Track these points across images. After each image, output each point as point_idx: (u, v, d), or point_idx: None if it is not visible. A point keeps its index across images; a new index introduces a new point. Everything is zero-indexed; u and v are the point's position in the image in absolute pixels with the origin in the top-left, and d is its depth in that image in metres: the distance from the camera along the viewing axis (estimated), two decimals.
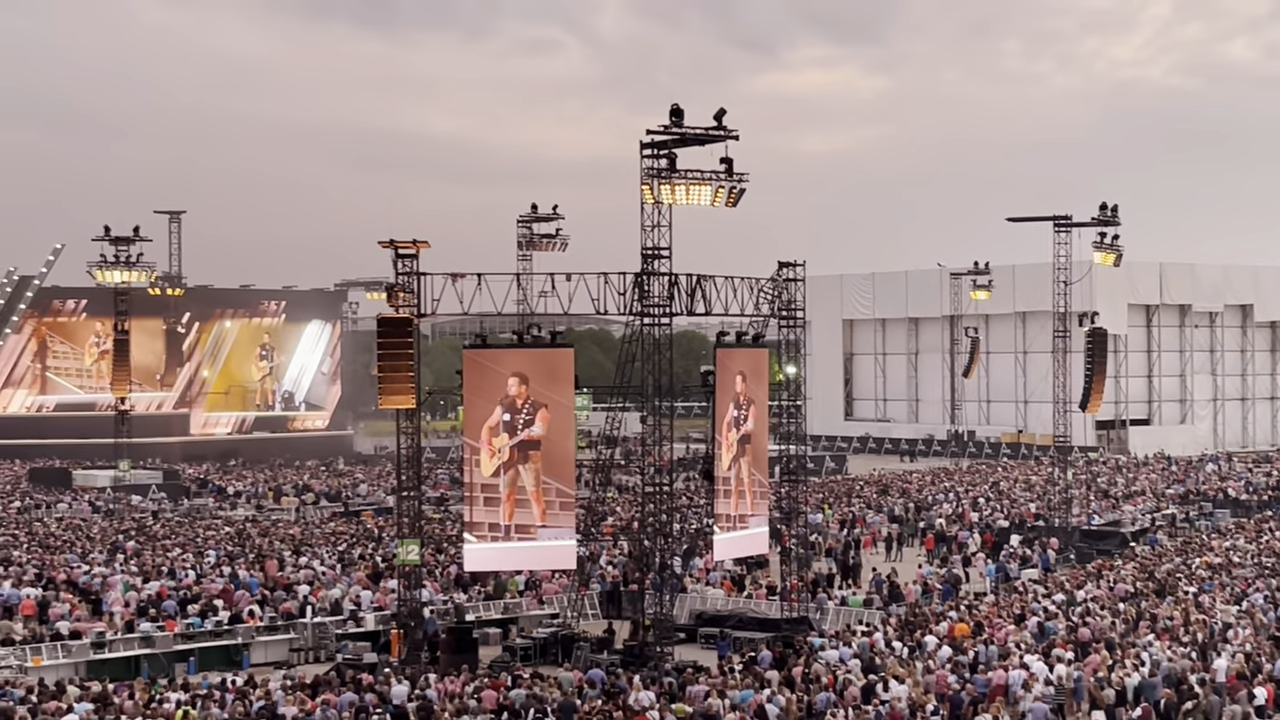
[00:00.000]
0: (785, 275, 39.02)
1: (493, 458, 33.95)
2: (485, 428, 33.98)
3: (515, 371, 34.04)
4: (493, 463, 33.98)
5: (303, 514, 65.75)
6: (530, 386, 34.01)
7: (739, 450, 36.89)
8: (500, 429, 33.94)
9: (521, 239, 65.92)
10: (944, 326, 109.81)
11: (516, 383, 33.95)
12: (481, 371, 34.52)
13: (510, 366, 34.29)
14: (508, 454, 33.90)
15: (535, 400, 34.01)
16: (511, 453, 33.90)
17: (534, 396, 34.02)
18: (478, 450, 34.12)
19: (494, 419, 33.94)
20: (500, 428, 33.94)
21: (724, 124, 34.92)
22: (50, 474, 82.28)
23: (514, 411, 34.00)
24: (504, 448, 33.91)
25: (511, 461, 33.93)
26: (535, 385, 34.09)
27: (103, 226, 70.93)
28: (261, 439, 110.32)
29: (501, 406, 33.97)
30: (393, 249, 35.19)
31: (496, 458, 33.94)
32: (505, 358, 34.90)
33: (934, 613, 37.21)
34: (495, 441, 33.96)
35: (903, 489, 70.18)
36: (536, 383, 34.12)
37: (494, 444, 33.96)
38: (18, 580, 42.86)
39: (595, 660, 34.37)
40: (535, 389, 34.03)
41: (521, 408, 34.02)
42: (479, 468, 34.14)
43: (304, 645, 37.90)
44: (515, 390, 33.94)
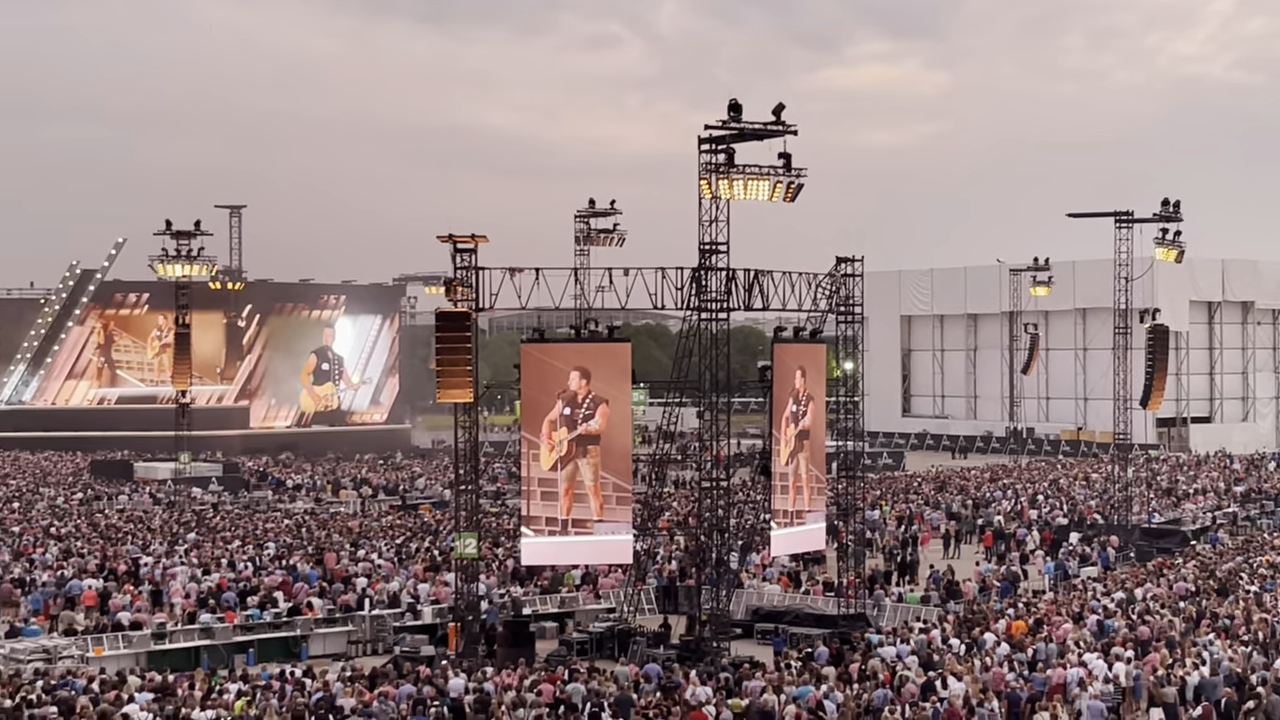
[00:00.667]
0: (843, 271, 38.90)
1: (552, 451, 34.02)
2: (545, 421, 34.04)
3: (576, 365, 34.11)
4: (551, 456, 34.04)
5: (366, 507, 66.13)
6: (591, 381, 34.06)
7: (797, 445, 36.82)
8: (560, 423, 34.01)
9: (579, 234, 65.92)
10: (1003, 323, 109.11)
11: (578, 377, 34.00)
12: (539, 366, 34.60)
13: (572, 361, 34.36)
14: (566, 448, 33.95)
15: (597, 395, 34.06)
16: (570, 447, 33.95)
17: (595, 391, 34.06)
18: (535, 444, 34.19)
19: (554, 413, 34.01)
20: (560, 421, 34.01)
21: (783, 119, 34.83)
22: (112, 466, 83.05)
23: (574, 406, 34.05)
24: (563, 441, 33.97)
25: (570, 456, 33.99)
26: (595, 380, 34.15)
27: (164, 221, 71.35)
28: (320, 433, 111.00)
29: (562, 400, 34.03)
30: (451, 244, 35.33)
31: (555, 451, 34.00)
32: (564, 352, 34.96)
33: (992, 610, 37.03)
34: (555, 435, 34.02)
35: (961, 486, 69.85)
36: (596, 377, 34.17)
37: (554, 438, 34.02)
38: (80, 571, 43.28)
39: (651, 655, 34.35)
40: (596, 384, 34.09)
41: (582, 402, 34.05)
42: (537, 461, 34.21)
43: (362, 638, 38.08)
44: (577, 385, 33.99)
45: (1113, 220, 55.58)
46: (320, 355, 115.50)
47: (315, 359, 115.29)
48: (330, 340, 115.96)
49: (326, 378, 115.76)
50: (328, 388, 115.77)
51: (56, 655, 33.44)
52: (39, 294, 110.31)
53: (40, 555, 46.59)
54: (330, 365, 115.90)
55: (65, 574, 42.81)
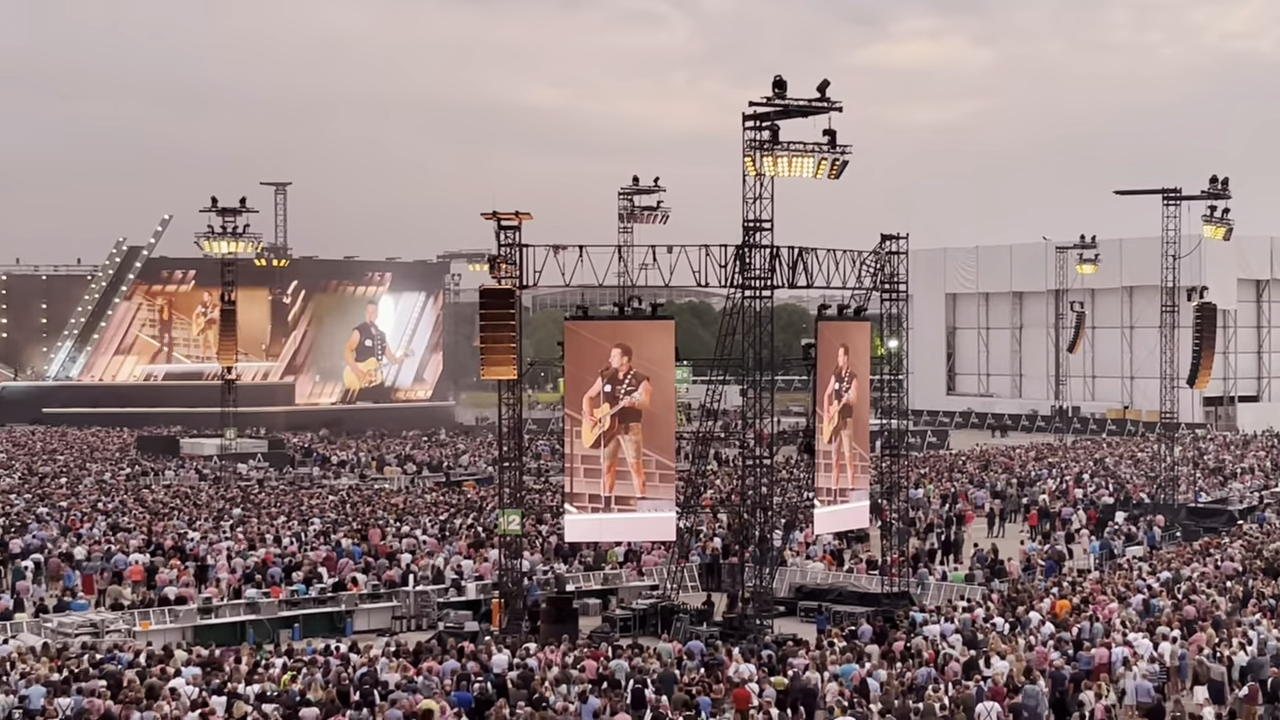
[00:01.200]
0: (888, 248, 38.73)
1: (594, 428, 34.04)
2: (586, 399, 34.07)
3: (618, 343, 34.09)
4: (594, 433, 34.07)
5: (413, 483, 66.37)
6: (633, 358, 34.05)
7: (840, 423, 36.72)
8: (601, 399, 34.02)
9: (623, 211, 66.04)
10: (1049, 301, 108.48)
11: (619, 354, 33.99)
12: (582, 343, 34.60)
13: (613, 338, 34.34)
14: (609, 424, 33.97)
15: (638, 372, 34.04)
16: (612, 422, 33.96)
17: (636, 368, 34.04)
18: (578, 421, 34.23)
19: (595, 389, 34.02)
20: (601, 398, 34.02)
21: (827, 96, 34.68)
22: (158, 442, 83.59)
23: (615, 382, 34.04)
24: (605, 417, 33.98)
25: (612, 432, 34.00)
26: (637, 357, 34.13)
27: (210, 198, 71.80)
28: (364, 409, 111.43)
29: (603, 377, 34.03)
30: (495, 221, 35.33)
31: (598, 428, 34.02)
32: (607, 329, 34.94)
33: (1037, 589, 36.89)
34: (596, 412, 34.04)
35: (1005, 465, 69.59)
36: (638, 354, 34.15)
37: (595, 414, 34.04)
38: (126, 546, 43.59)
39: (694, 632, 34.39)
40: (638, 361, 34.06)
41: (624, 378, 34.04)
42: (580, 439, 34.25)
43: (406, 613, 38.25)
44: (618, 362, 33.98)
45: (1160, 197, 55.19)
46: (363, 331, 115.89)
47: (358, 335, 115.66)
48: (373, 316, 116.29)
49: (369, 354, 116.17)
50: (370, 363, 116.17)
51: (104, 629, 33.72)
52: (86, 271, 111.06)
53: (87, 530, 46.94)
54: (373, 341, 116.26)
55: (112, 549, 43.14)
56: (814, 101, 34.66)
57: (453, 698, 25.77)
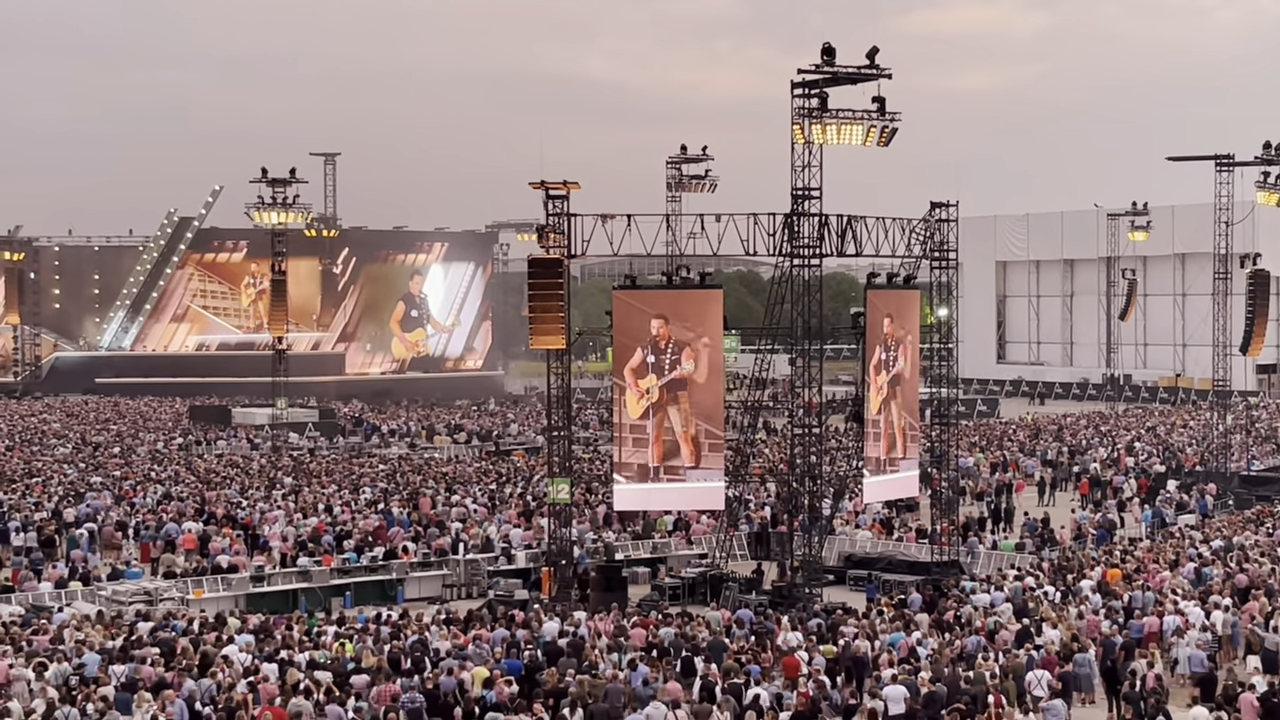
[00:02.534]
0: (937, 216, 38.53)
1: (640, 399, 34.07)
2: (628, 370, 34.10)
3: (658, 312, 34.09)
4: (640, 404, 34.11)
5: (463, 451, 66.69)
6: (671, 326, 34.00)
7: (889, 393, 36.62)
8: (646, 369, 34.03)
9: (671, 180, 65.92)
10: (1100, 268, 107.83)
11: (660, 324, 33.98)
12: (630, 312, 34.62)
13: (655, 307, 34.33)
14: (657, 394, 34.01)
15: (678, 340, 34.01)
16: (661, 393, 34.00)
17: (675, 336, 34.01)
18: (625, 391, 34.28)
19: (636, 359, 34.03)
20: (646, 368, 34.02)
21: (876, 63, 34.49)
22: (210, 411, 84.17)
23: (658, 352, 34.04)
24: (652, 388, 34.01)
25: (661, 403, 34.03)
26: (679, 325, 34.10)
27: (260, 169, 72.05)
28: (414, 379, 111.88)
29: (644, 348, 34.03)
30: (543, 190, 35.36)
31: (645, 399, 34.05)
32: (651, 298, 34.92)
33: (1088, 557, 36.73)
34: (642, 383, 34.07)
35: (1056, 433, 69.28)
36: (683, 323, 34.12)
37: (640, 385, 34.07)
38: (179, 515, 43.95)
39: (743, 600, 34.43)
40: (677, 329, 34.03)
41: (665, 348, 34.04)
42: (627, 409, 34.29)
43: (456, 581, 38.45)
44: (657, 330, 33.96)
45: (1213, 164, 54.75)
46: (408, 302, 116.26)
47: (403, 306, 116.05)
48: (418, 287, 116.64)
49: (416, 324, 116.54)
50: (418, 334, 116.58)
51: (158, 597, 34.03)
52: (138, 241, 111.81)
53: (141, 499, 47.35)
54: (419, 311, 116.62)
55: (165, 518, 43.50)
56: (863, 68, 34.48)
57: (503, 665, 25.89)
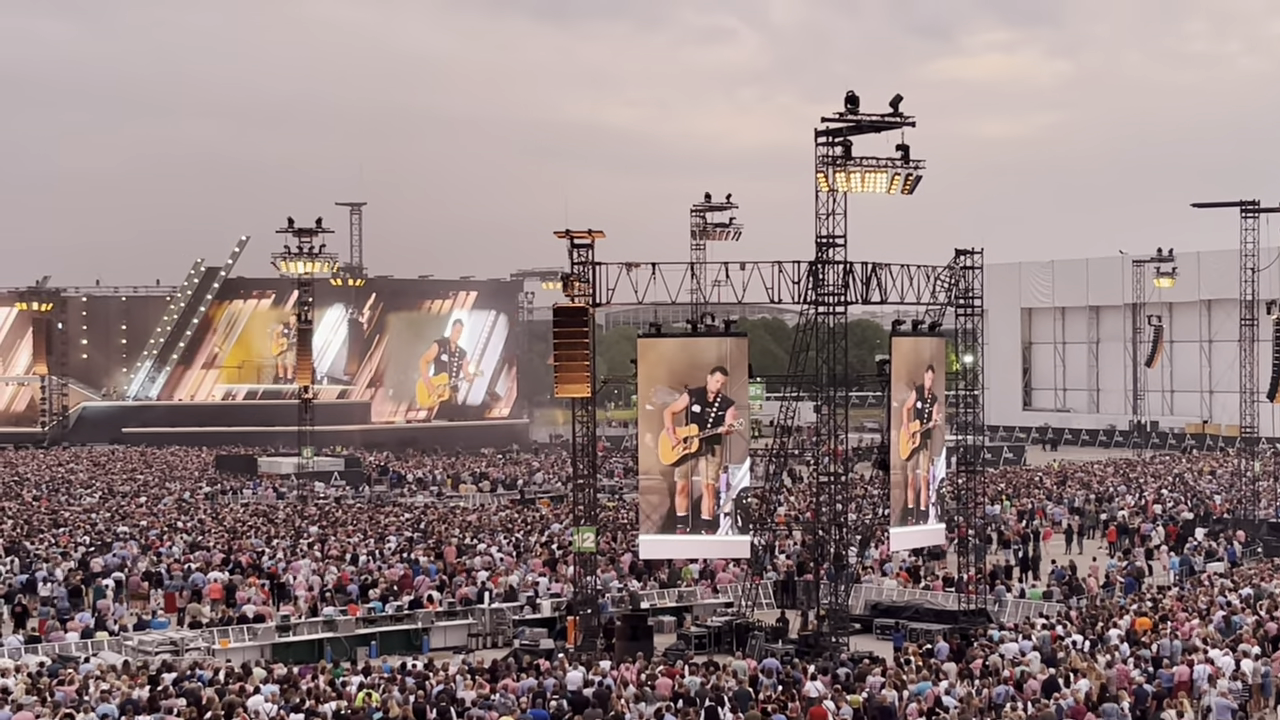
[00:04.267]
0: (962, 263, 38.52)
1: (675, 447, 34.11)
2: (669, 412, 34.10)
3: (718, 366, 34.24)
4: (674, 452, 34.14)
5: (488, 500, 66.67)
6: (726, 380, 34.11)
7: (921, 443, 36.58)
8: (686, 418, 34.07)
9: (695, 228, 65.86)
10: (1126, 315, 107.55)
11: (717, 377, 34.07)
12: (655, 361, 34.71)
13: (707, 359, 34.43)
14: (696, 445, 34.07)
15: (726, 396, 34.08)
16: (698, 445, 34.07)
17: (725, 392, 34.09)
18: (658, 435, 34.31)
19: (679, 404, 34.05)
20: (686, 417, 34.06)
21: (900, 110, 34.55)
22: (236, 461, 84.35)
23: (705, 404, 34.10)
24: (692, 439, 34.05)
25: (696, 453, 34.09)
26: (731, 380, 34.20)
27: (286, 218, 72.38)
28: (440, 427, 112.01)
29: (691, 396, 34.07)
30: (568, 239, 35.45)
31: (680, 447, 34.09)
32: (696, 349, 35.00)
33: (1116, 606, 36.52)
34: (680, 430, 34.09)
35: (1083, 480, 68.99)
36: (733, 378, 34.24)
37: (679, 433, 34.10)
38: (205, 564, 43.98)
39: (770, 650, 34.27)
40: (729, 384, 34.11)
41: (714, 401, 34.09)
42: (658, 455, 34.29)
43: (482, 630, 38.37)
44: (715, 385, 34.05)
45: (1238, 210, 54.71)
46: (442, 345, 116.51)
47: (436, 348, 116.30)
48: (453, 334, 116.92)
49: (444, 368, 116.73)
50: (442, 378, 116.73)
51: (183, 647, 34.02)
52: (165, 291, 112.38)
53: (167, 549, 47.41)
54: (450, 357, 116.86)
55: (191, 567, 43.53)
56: (887, 116, 34.54)
57: (529, 715, 25.82)
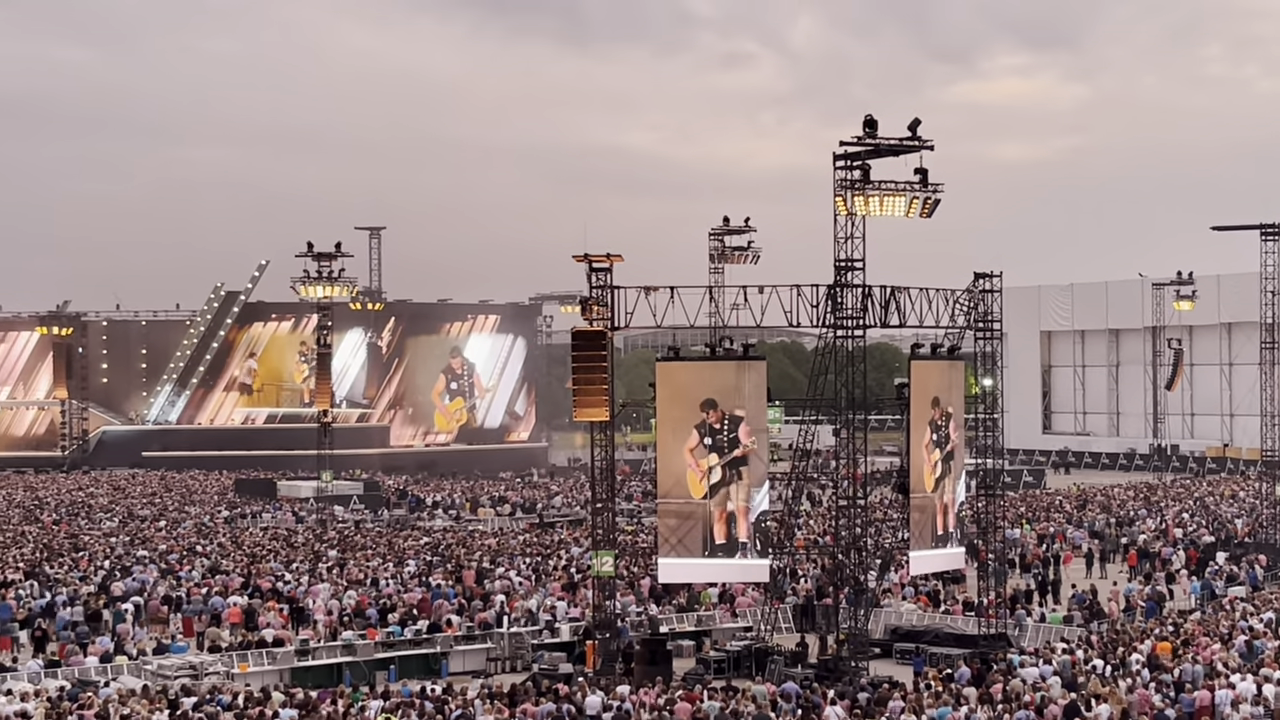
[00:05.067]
0: (981, 286, 38.47)
1: (701, 479, 34.19)
2: (687, 450, 34.24)
3: (704, 398, 34.44)
4: (703, 485, 34.24)
5: (507, 524, 66.73)
6: (720, 407, 34.18)
7: (943, 469, 36.55)
8: (703, 449, 34.13)
9: (714, 252, 65.82)
10: (1146, 338, 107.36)
11: (703, 408, 34.38)
12: (677, 393, 34.84)
13: (700, 389, 34.62)
14: (720, 474, 34.13)
15: (731, 415, 34.14)
16: (724, 472, 34.14)
17: (728, 412, 34.14)
18: (679, 466, 34.42)
19: (693, 441, 34.17)
20: (703, 449, 34.13)
21: (918, 134, 34.57)
22: (255, 484, 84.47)
23: (713, 434, 34.14)
24: (714, 467, 34.10)
25: (725, 481, 34.18)
26: (727, 401, 34.25)
27: (306, 243, 72.58)
28: (459, 451, 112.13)
29: (699, 431, 34.15)
30: (587, 263, 35.50)
31: (706, 479, 34.18)
32: (699, 373, 35.02)
33: (1137, 630, 36.37)
34: (703, 463, 34.14)
35: (1104, 504, 68.76)
36: (726, 400, 34.26)
37: (701, 465, 34.14)
38: (225, 588, 44.01)
39: (789, 674, 34.18)
40: (726, 405, 34.18)
41: (721, 427, 34.15)
42: (689, 489, 34.35)
43: (501, 655, 38.32)
44: (711, 416, 34.18)
45: (1258, 232, 54.61)
46: (448, 373, 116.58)
47: (444, 378, 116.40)
48: (465, 357, 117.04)
49: (458, 393, 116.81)
50: (458, 403, 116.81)
51: (203, 671, 34.04)
52: (184, 316, 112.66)
53: (186, 573, 47.45)
54: (461, 380, 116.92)
55: (210, 591, 43.57)
56: (905, 140, 34.55)
57: None
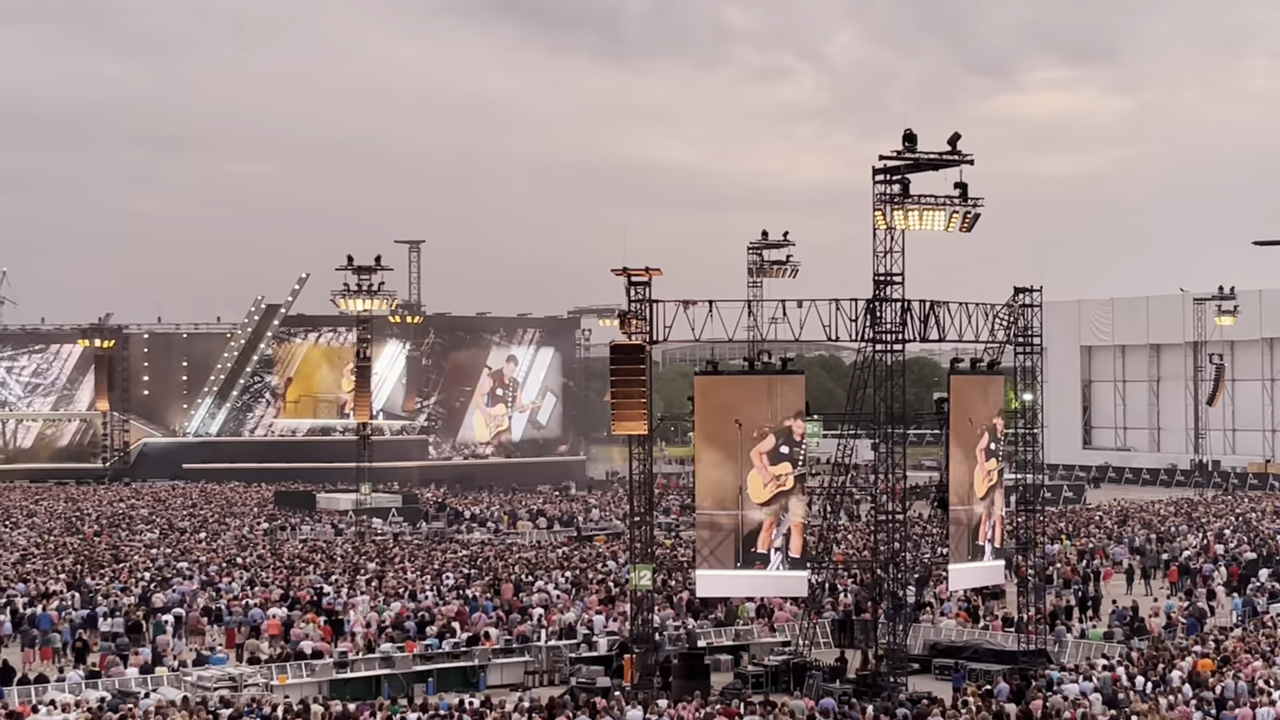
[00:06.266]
0: (1021, 301, 38.37)
1: (767, 484, 34.20)
2: (756, 453, 34.25)
3: (798, 410, 34.55)
4: (767, 490, 34.25)
5: (545, 537, 66.77)
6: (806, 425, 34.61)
7: (997, 480, 36.53)
8: (777, 457, 34.17)
9: (752, 266, 65.97)
10: (1187, 353, 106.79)
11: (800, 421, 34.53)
12: (712, 398, 34.84)
13: (738, 403, 34.66)
14: (790, 483, 34.22)
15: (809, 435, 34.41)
16: (794, 483, 34.25)
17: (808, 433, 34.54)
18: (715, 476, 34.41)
19: (767, 445, 34.19)
20: (776, 456, 34.18)
21: (958, 148, 34.52)
22: (295, 497, 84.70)
23: (793, 445, 34.22)
24: (786, 477, 34.16)
25: (790, 490, 34.25)
26: None
27: (346, 256, 72.90)
28: (497, 464, 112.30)
29: (778, 437, 34.21)
30: (625, 277, 35.56)
31: (774, 485, 34.20)
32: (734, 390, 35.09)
33: (1178, 647, 36.15)
34: (772, 469, 34.19)
35: (1144, 520, 68.37)
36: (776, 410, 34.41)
37: (770, 470, 34.18)
38: (264, 600, 44.17)
39: (827, 689, 34.09)
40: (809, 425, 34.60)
41: (800, 441, 34.24)
42: (749, 494, 34.37)
43: (539, 668, 38.33)
44: (797, 428, 34.31)
45: None
46: (495, 379, 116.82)
47: (491, 382, 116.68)
48: (505, 369, 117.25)
49: (499, 401, 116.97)
50: (499, 409, 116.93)
51: (242, 683, 34.16)
52: (225, 329, 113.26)
53: (226, 584, 47.65)
54: (503, 391, 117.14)
55: (250, 603, 43.73)
56: (945, 154, 34.51)
57: None
